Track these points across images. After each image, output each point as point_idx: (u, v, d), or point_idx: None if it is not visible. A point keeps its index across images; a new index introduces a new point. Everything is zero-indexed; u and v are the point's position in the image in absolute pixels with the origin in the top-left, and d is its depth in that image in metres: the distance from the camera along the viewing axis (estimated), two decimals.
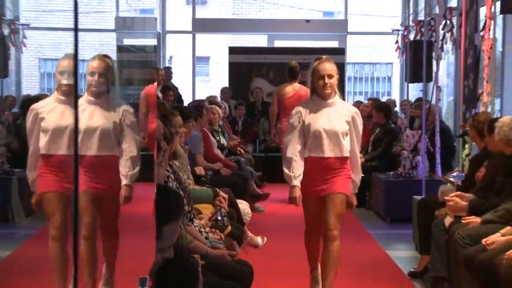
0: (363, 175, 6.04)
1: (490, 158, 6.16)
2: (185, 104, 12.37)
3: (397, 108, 13.98)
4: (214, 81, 20.61)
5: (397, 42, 14.89)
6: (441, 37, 10.22)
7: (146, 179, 5.06)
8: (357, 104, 12.55)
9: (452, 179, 7.53)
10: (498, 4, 8.00)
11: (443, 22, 10.27)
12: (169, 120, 5.68)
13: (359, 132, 5.71)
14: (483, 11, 8.38)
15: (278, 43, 16.85)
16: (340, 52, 14.89)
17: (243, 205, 7.39)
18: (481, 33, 8.24)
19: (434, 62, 9.92)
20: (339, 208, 5.58)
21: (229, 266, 4.92)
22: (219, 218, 5.99)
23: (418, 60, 11.43)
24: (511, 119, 5.90)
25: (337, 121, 5.59)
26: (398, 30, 14.93)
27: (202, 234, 5.24)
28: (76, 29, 2.48)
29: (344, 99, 6.20)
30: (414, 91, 14.60)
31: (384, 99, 15.67)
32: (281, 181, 11.25)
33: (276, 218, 9.54)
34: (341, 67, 10.05)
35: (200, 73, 19.78)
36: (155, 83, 12.16)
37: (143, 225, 4.73)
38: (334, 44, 16.39)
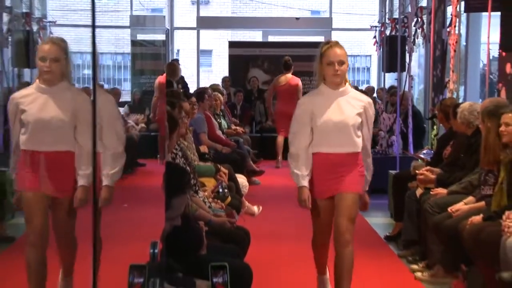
0: None
1: (455, 138, 6.17)
2: (191, 91, 12.35)
3: (375, 95, 13.95)
4: (216, 71, 20.52)
5: (375, 37, 14.82)
6: (413, 33, 10.20)
7: (156, 156, 4.97)
8: None
9: (422, 156, 7.53)
10: (462, 4, 7.98)
11: (415, 19, 10.25)
12: (178, 106, 5.66)
13: (371, 124, 4.54)
14: (449, 10, 8.35)
15: (271, 38, 16.76)
16: None
17: (241, 179, 7.39)
18: (448, 29, 8.22)
19: (407, 55, 9.92)
20: (352, 210, 4.36)
21: (229, 231, 4.92)
22: (220, 190, 5.98)
23: (393, 52, 11.44)
24: (470, 105, 5.90)
25: (349, 112, 4.37)
26: (376, 27, 14.85)
27: (206, 204, 5.23)
28: (93, 26, 2.45)
29: None
30: (390, 79, 14.57)
31: (363, 87, 15.64)
32: (274, 158, 11.45)
33: (270, 189, 9.53)
34: None
35: (204, 64, 19.67)
36: (164, 74, 12.09)
37: (154, 197, 4.71)
38: (320, 39, 16.22)
